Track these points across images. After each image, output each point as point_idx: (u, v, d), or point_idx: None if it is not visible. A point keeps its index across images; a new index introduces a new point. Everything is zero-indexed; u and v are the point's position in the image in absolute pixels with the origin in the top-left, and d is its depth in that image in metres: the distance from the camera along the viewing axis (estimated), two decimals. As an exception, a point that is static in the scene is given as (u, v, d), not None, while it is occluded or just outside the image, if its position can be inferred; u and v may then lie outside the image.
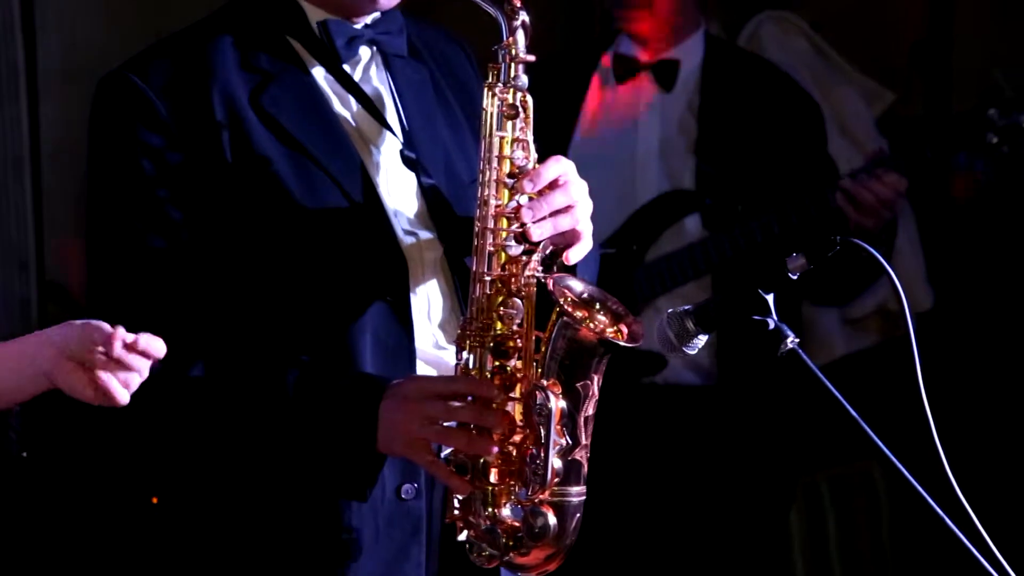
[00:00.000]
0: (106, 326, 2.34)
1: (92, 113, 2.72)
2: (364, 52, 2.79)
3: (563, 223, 2.62)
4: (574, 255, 2.65)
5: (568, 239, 2.65)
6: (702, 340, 2.61)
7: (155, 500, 4.30)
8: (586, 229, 2.66)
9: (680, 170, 4.40)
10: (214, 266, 2.66)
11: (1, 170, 4.96)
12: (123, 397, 2.35)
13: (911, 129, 4.23)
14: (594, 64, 4.54)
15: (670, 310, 2.61)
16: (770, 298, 2.55)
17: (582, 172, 2.67)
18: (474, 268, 2.62)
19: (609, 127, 4.48)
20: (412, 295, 2.71)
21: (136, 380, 2.35)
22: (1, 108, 4.94)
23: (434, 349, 2.74)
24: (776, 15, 5.21)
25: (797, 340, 2.54)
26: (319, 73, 2.76)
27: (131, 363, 2.33)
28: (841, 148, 4.75)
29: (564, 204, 2.61)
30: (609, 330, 2.60)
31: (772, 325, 2.54)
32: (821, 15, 4.63)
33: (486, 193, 2.62)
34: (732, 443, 4.40)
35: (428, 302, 2.74)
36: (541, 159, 2.65)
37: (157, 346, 2.33)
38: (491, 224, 2.61)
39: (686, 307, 2.60)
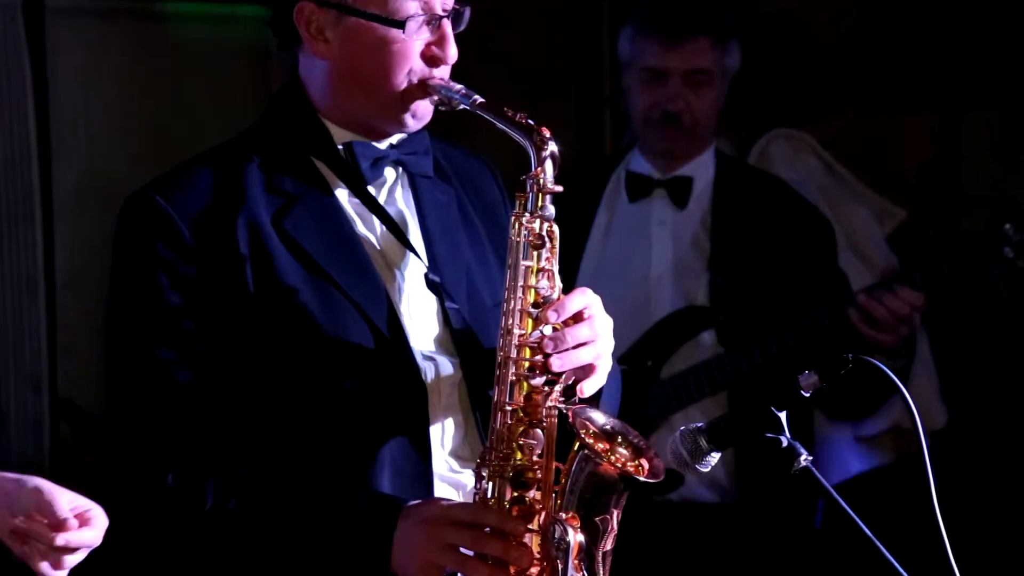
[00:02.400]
0: (59, 506, 2.32)
1: (116, 231, 2.73)
2: (389, 173, 2.80)
3: (585, 356, 2.61)
4: (588, 388, 2.63)
5: (587, 372, 2.64)
6: (715, 458, 2.60)
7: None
8: (604, 365, 2.66)
9: (694, 286, 4.40)
10: (233, 387, 2.67)
11: (16, 292, 4.97)
12: None
13: (923, 246, 4.22)
14: (604, 182, 4.56)
15: (683, 427, 2.60)
16: (783, 415, 2.54)
17: (594, 289, 2.67)
18: (496, 397, 2.61)
19: (622, 245, 4.49)
20: (430, 422, 2.71)
21: (73, 560, 2.33)
22: (17, 231, 4.97)
23: (449, 473, 2.73)
24: (786, 133, 5.24)
25: (810, 458, 2.53)
26: (343, 194, 2.77)
27: (71, 546, 2.32)
28: (852, 265, 4.74)
29: (587, 338, 2.61)
30: (630, 464, 2.58)
31: (785, 443, 2.54)
32: (831, 133, 4.66)
33: (510, 322, 2.61)
34: (750, 562, 4.36)
35: (443, 428, 2.73)
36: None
37: (92, 536, 2.32)
38: (514, 353, 2.61)
39: (698, 424, 2.60)
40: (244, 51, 5.40)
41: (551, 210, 2.65)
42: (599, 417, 2.61)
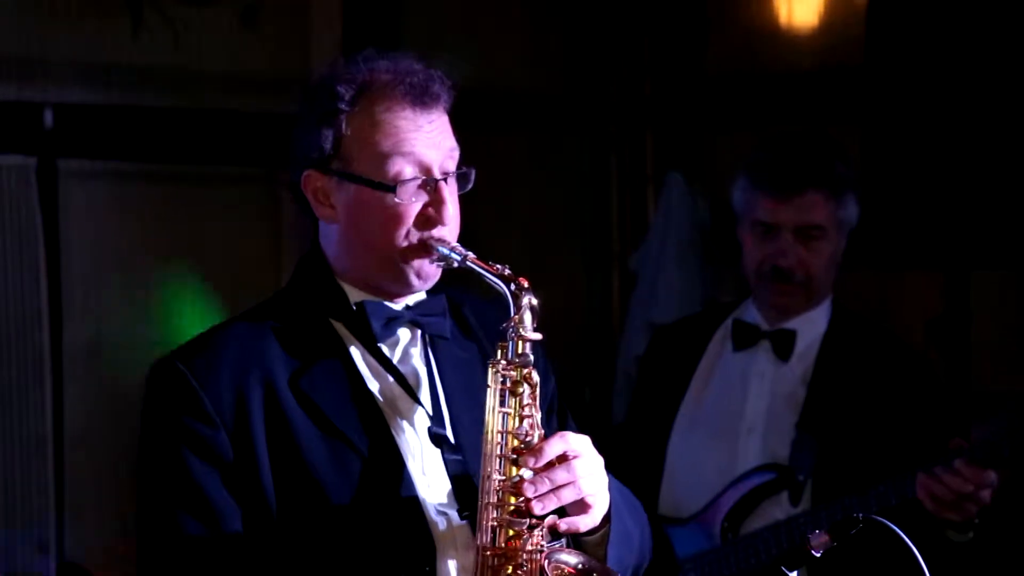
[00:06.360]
0: None
1: (145, 396, 2.81)
2: (404, 333, 2.87)
3: (566, 496, 2.64)
4: (566, 524, 2.65)
5: (577, 511, 2.66)
6: (728, 624, 2.59)
7: None
8: (597, 502, 2.67)
9: (780, 443, 4.27)
10: (252, 547, 2.71)
11: (24, 451, 4.97)
12: None
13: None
14: (715, 329, 4.49)
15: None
16: (793, 576, 2.54)
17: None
18: (477, 542, 2.65)
19: (720, 392, 4.37)
20: (438, 574, 2.72)
21: None
22: (27, 390, 4.98)
23: None
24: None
25: (824, 621, 2.52)
26: (357, 353, 2.83)
27: None
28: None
29: (566, 480, 2.63)
30: (605, 604, 2.59)
31: (796, 605, 2.53)
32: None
33: (489, 468, 2.66)
34: None
35: None
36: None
37: None
38: (494, 499, 2.65)
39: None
40: (254, 211, 5.44)
41: (530, 357, 2.70)
42: (571, 558, 2.63)
